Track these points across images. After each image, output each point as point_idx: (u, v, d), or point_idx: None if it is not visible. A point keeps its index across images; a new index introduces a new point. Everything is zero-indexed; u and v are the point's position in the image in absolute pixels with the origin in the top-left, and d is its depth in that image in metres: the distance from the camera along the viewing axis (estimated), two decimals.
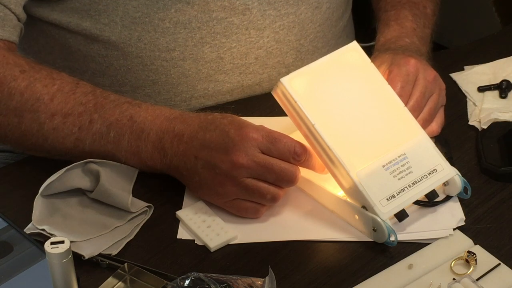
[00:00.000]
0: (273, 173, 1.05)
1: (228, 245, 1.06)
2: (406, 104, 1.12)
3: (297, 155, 1.05)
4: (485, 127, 1.22)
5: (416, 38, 1.29)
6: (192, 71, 1.28)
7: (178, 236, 1.08)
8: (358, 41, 1.13)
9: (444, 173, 1.08)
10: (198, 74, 1.29)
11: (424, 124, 1.14)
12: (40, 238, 1.04)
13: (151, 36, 1.25)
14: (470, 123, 1.25)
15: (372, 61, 1.13)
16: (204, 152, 1.06)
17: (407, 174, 1.06)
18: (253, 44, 1.29)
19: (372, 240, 1.05)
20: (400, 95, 1.12)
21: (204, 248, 1.06)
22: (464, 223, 1.07)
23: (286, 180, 1.06)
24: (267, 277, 0.98)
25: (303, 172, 1.11)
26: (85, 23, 1.25)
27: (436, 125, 1.19)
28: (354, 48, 1.12)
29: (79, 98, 1.14)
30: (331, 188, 1.09)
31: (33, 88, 1.14)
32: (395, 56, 1.19)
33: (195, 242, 1.07)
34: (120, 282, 1.00)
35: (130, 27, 1.24)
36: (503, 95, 1.29)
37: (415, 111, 1.13)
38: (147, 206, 1.10)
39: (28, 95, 1.14)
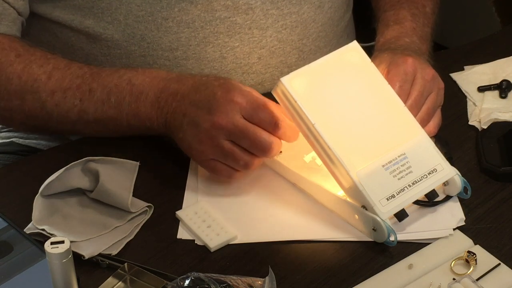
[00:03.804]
0: (247, 139, 1.07)
1: (228, 245, 1.06)
2: (404, 103, 1.12)
3: (276, 126, 1.07)
4: (485, 127, 1.22)
5: (416, 37, 1.29)
6: (194, 70, 1.28)
7: (178, 236, 1.08)
8: (358, 41, 1.13)
9: (444, 173, 1.08)
10: (200, 73, 1.29)
11: (422, 124, 1.14)
12: (40, 238, 1.04)
13: (154, 35, 1.25)
14: (470, 123, 1.25)
15: (372, 61, 1.13)
16: (191, 110, 1.10)
17: (407, 174, 1.06)
18: (256, 44, 1.29)
19: (372, 240, 1.05)
20: (398, 94, 1.12)
21: (204, 248, 1.06)
22: (464, 223, 1.07)
23: (259, 149, 1.08)
24: (267, 277, 0.98)
25: (303, 172, 1.11)
26: (88, 20, 1.25)
27: (433, 125, 1.19)
28: (354, 48, 1.12)
29: (75, 71, 1.18)
30: (331, 187, 1.09)
31: (30, 70, 1.18)
32: (393, 56, 1.19)
33: (195, 242, 1.07)
34: (120, 282, 1.00)
35: (133, 25, 1.24)
36: (503, 95, 1.29)
37: (413, 110, 1.13)
38: (147, 206, 1.10)
39: (26, 77, 1.18)
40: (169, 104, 1.13)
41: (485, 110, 1.25)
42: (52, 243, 0.90)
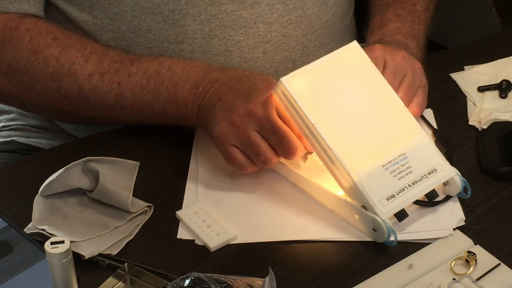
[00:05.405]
0: (276, 136, 1.07)
1: (228, 245, 1.06)
2: None
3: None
4: (485, 127, 1.22)
5: (400, 36, 1.29)
6: None
7: (178, 236, 1.08)
8: (358, 41, 1.13)
9: (444, 173, 1.08)
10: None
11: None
12: (40, 238, 1.04)
13: (161, 27, 1.25)
14: (470, 123, 1.25)
15: None
16: (228, 97, 1.11)
17: (407, 174, 1.06)
18: (261, 38, 1.30)
19: (372, 240, 1.05)
20: None
21: (204, 248, 1.06)
22: (464, 223, 1.07)
23: (285, 149, 1.08)
24: (267, 277, 0.98)
25: (303, 172, 1.11)
26: (96, 11, 1.25)
27: (416, 106, 1.20)
28: (354, 48, 1.12)
29: (113, 57, 1.20)
30: (331, 187, 1.09)
31: (68, 53, 1.19)
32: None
33: (195, 242, 1.07)
34: (120, 282, 1.00)
35: (140, 17, 1.25)
36: (503, 95, 1.29)
37: None
38: (147, 206, 1.10)
39: (63, 60, 1.19)
40: (206, 90, 1.14)
41: (485, 110, 1.25)
42: (52, 243, 0.90)
